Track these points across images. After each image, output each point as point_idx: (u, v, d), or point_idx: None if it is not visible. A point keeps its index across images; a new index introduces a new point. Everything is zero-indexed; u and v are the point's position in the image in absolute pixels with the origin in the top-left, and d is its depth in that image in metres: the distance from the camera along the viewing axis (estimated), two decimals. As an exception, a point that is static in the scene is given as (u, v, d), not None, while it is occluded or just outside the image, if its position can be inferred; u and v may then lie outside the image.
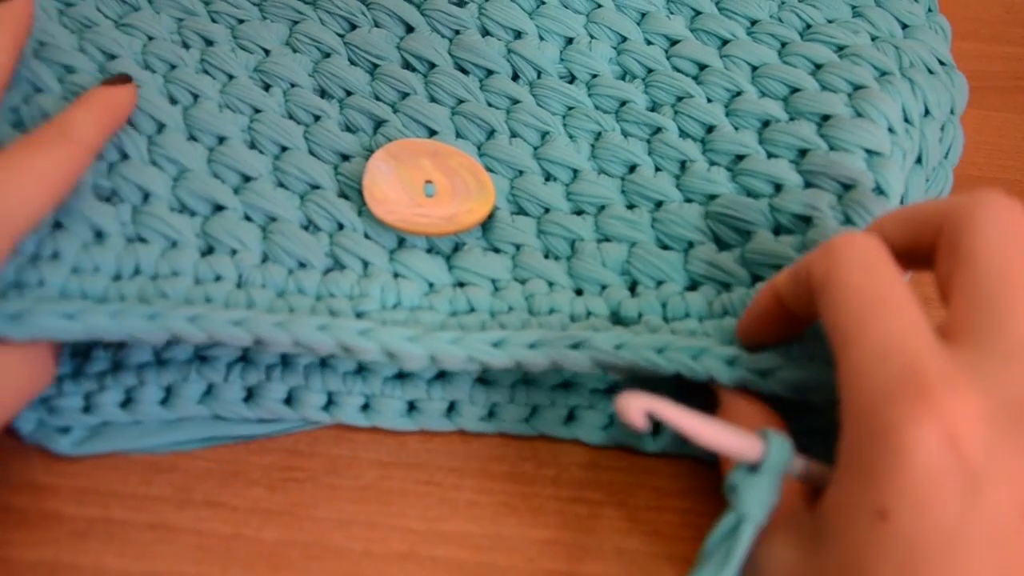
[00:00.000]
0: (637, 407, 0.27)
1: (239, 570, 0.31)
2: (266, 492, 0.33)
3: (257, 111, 0.38)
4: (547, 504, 0.33)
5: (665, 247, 0.36)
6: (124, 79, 0.36)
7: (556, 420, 0.34)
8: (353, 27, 0.41)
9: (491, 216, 0.37)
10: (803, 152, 0.36)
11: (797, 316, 0.30)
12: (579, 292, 0.36)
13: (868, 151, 0.36)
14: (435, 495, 0.33)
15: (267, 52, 0.40)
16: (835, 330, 0.26)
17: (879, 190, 0.35)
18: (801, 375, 0.30)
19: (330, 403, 0.35)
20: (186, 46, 0.40)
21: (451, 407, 0.35)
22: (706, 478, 0.33)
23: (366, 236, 0.36)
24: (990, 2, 0.51)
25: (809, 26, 0.41)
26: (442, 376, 0.35)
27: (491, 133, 0.39)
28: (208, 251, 0.35)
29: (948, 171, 0.40)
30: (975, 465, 0.23)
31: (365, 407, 0.35)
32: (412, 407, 0.35)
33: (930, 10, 0.43)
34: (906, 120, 0.38)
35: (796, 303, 0.29)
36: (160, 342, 0.32)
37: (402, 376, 0.35)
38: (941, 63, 0.40)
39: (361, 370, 0.35)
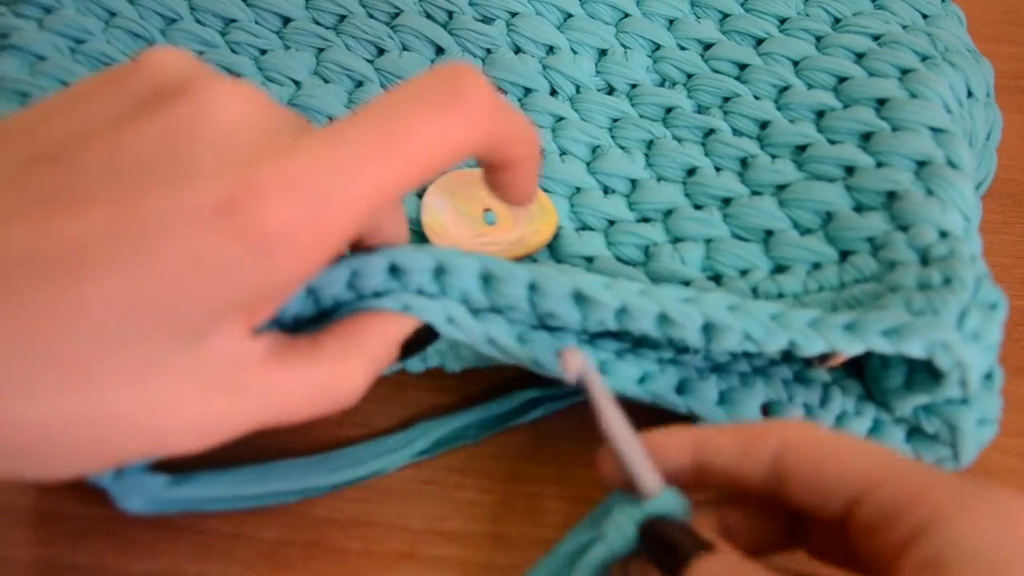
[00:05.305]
0: (576, 365, 0.27)
1: (239, 569, 0.30)
2: (266, 491, 0.32)
3: (298, 148, 0.36)
4: (547, 504, 0.32)
5: (742, 240, 0.35)
6: None
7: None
8: (381, 52, 0.39)
9: (556, 236, 0.35)
10: (866, 136, 0.36)
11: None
12: None
13: (933, 129, 0.35)
14: (435, 495, 0.32)
15: (298, 84, 0.38)
16: None
17: (952, 164, 0.34)
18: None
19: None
20: (212, 80, 0.37)
21: None
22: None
23: None
24: (990, 2, 0.51)
25: (838, 20, 0.41)
26: None
27: (540, 153, 0.37)
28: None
29: (992, 151, 0.40)
30: None
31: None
32: None
33: (943, 0, 0.43)
34: (956, 100, 0.37)
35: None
36: None
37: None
38: (967, 49, 0.40)
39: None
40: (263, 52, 0.39)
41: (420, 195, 0.36)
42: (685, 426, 0.27)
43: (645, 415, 0.30)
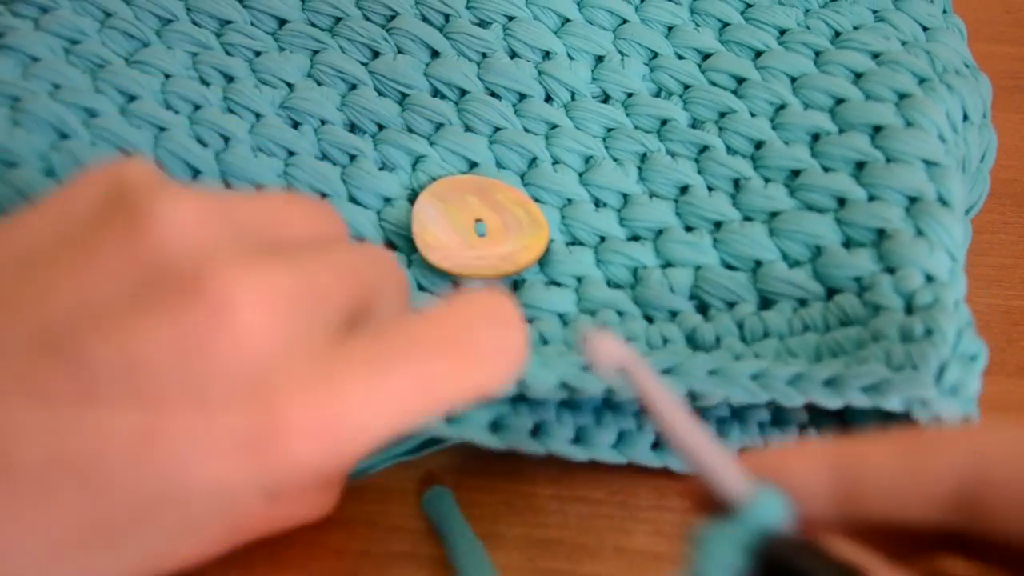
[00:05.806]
0: (607, 353, 0.20)
1: (239, 569, 0.30)
2: (266, 491, 0.32)
3: (291, 153, 0.36)
4: (547, 504, 0.32)
5: (731, 268, 0.35)
6: None
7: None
8: (376, 55, 0.39)
9: (546, 252, 0.35)
10: (860, 165, 0.35)
11: None
12: (649, 320, 0.34)
13: (926, 161, 0.35)
14: (435, 495, 0.33)
15: (291, 86, 0.38)
16: None
17: (942, 201, 0.34)
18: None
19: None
20: (205, 83, 0.37)
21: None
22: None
23: (419, 288, 0.34)
24: (990, 2, 0.51)
25: (838, 33, 0.40)
26: None
27: (533, 161, 0.37)
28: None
29: (985, 175, 0.40)
30: None
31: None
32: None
33: (945, 11, 0.42)
34: (951, 127, 0.37)
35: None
36: None
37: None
38: (965, 65, 0.40)
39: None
40: (257, 54, 0.38)
41: (411, 201, 0.36)
42: (814, 439, 0.23)
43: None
